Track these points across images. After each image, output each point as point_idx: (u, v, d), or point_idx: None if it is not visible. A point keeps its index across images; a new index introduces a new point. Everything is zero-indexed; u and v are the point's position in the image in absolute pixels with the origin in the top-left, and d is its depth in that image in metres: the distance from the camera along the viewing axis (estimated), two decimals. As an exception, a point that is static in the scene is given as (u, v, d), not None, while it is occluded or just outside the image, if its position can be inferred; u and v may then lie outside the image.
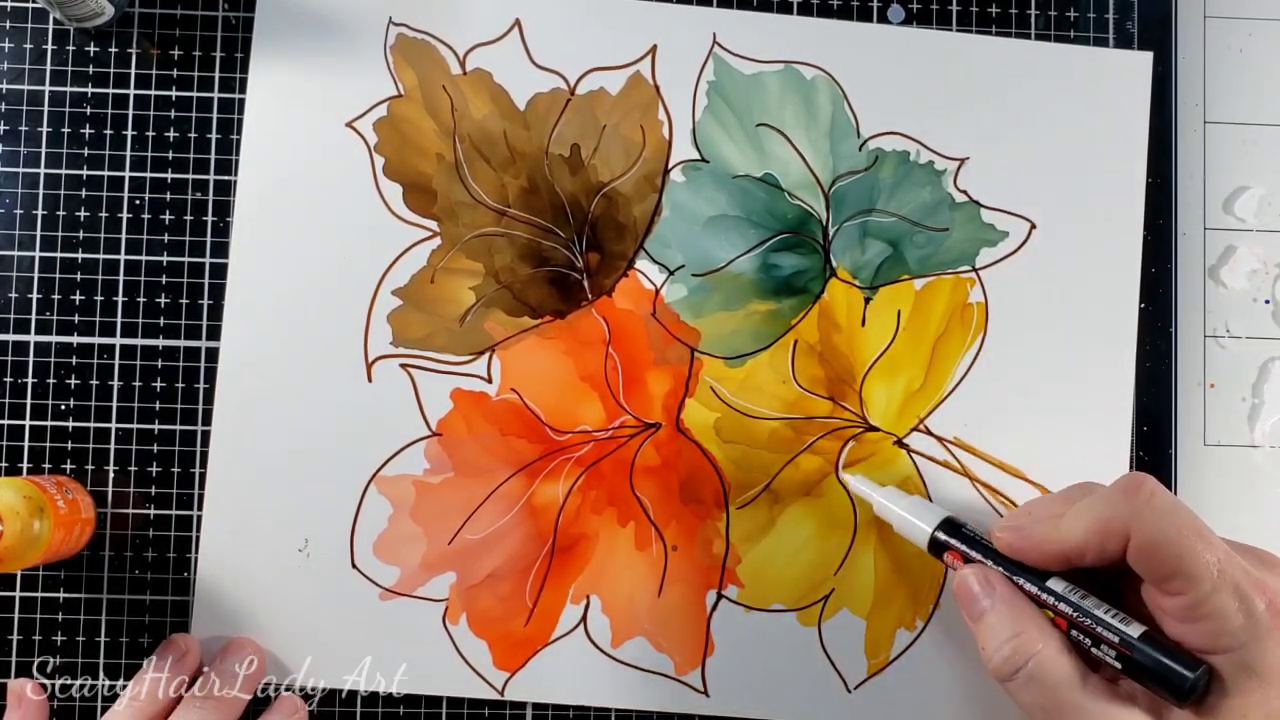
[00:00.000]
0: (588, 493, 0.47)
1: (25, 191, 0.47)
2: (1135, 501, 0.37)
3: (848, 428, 0.47)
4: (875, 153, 0.48)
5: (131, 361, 0.47)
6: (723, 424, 0.47)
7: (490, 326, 0.47)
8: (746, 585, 0.47)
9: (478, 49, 0.48)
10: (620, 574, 0.47)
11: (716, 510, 0.47)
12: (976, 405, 0.47)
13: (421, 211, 0.47)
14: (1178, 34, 0.49)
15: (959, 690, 0.47)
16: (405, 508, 0.46)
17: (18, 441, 0.46)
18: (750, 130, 0.48)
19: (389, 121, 0.47)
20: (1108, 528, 0.37)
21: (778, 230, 0.48)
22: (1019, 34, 0.49)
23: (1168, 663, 0.36)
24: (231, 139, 0.47)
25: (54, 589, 0.46)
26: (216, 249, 0.47)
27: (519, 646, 0.46)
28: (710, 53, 0.48)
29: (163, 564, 0.46)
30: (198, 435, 0.46)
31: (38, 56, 0.47)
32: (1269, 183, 0.49)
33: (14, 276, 0.46)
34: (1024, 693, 0.38)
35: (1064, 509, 0.39)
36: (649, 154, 0.48)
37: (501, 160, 0.47)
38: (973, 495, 0.47)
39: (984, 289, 0.48)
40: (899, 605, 0.47)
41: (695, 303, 0.47)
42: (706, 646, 0.47)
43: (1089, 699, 0.36)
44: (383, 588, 0.46)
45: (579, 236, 0.48)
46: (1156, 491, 0.37)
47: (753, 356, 0.47)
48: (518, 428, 0.47)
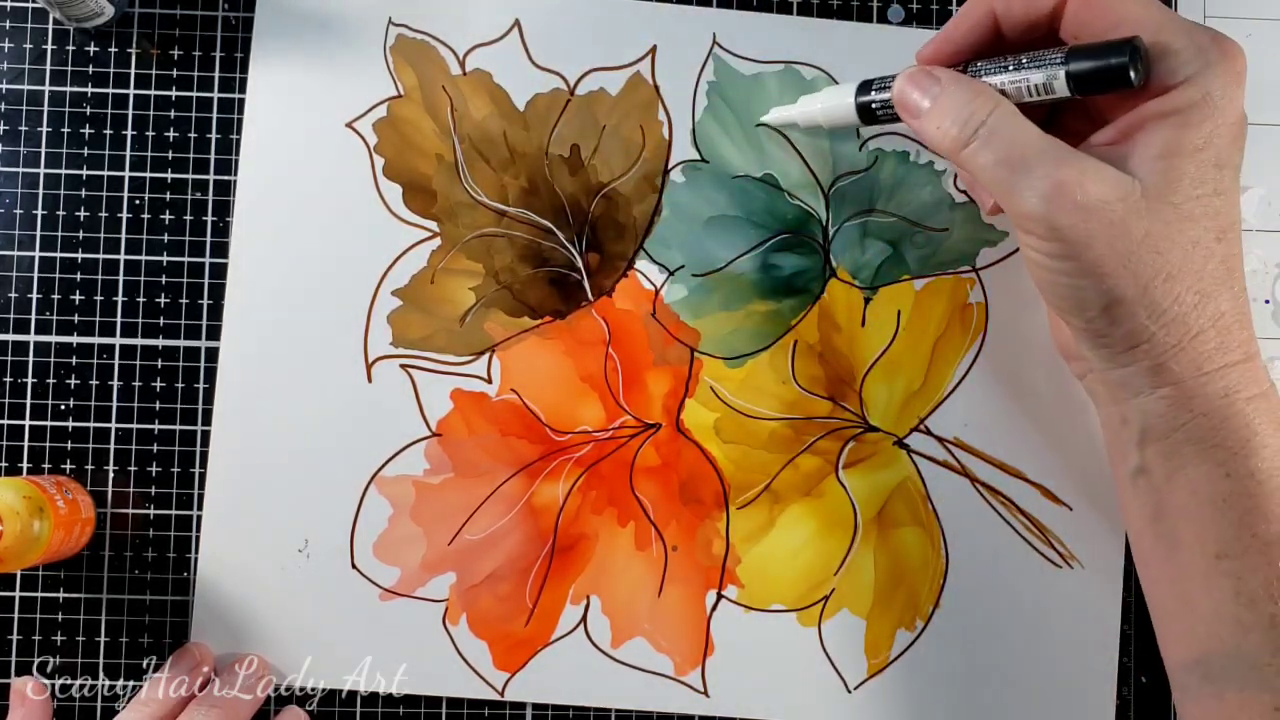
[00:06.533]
0: (588, 493, 0.47)
1: (25, 191, 0.47)
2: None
3: (848, 428, 0.47)
4: (875, 153, 0.48)
5: (131, 361, 0.47)
6: (723, 424, 0.47)
7: (490, 327, 0.47)
8: (746, 585, 0.47)
9: (477, 49, 0.48)
10: (620, 574, 0.47)
11: (716, 510, 0.47)
12: (976, 405, 0.47)
13: (421, 212, 0.47)
14: (1178, 34, 0.49)
15: (959, 690, 0.47)
16: (405, 508, 0.46)
17: (18, 441, 0.46)
18: (750, 130, 0.48)
19: (389, 122, 0.47)
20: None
21: (778, 230, 0.48)
22: (1019, 34, 0.49)
23: (1106, 60, 0.36)
24: (231, 139, 0.47)
25: (54, 589, 0.46)
26: (216, 249, 0.47)
27: (519, 647, 0.46)
28: (710, 53, 0.48)
29: (163, 564, 0.46)
30: (198, 435, 0.46)
31: (38, 56, 0.47)
32: (1269, 183, 0.49)
33: (14, 276, 0.47)
34: (985, 151, 0.37)
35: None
36: (649, 154, 0.48)
37: (501, 160, 0.47)
38: (973, 495, 0.47)
39: (984, 289, 0.48)
40: (899, 605, 0.47)
41: (695, 303, 0.47)
42: (706, 646, 0.47)
43: (1050, 145, 0.36)
44: (383, 588, 0.46)
45: (579, 237, 0.48)
46: None
47: (753, 356, 0.47)
48: (518, 428, 0.47)
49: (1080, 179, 0.35)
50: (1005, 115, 0.37)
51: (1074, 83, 0.37)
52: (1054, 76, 0.37)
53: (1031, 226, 0.36)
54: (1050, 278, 0.37)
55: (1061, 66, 0.37)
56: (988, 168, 0.37)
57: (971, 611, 0.47)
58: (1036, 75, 0.37)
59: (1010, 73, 0.38)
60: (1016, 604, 0.47)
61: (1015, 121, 0.37)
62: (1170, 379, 0.37)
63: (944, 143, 0.38)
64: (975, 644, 0.47)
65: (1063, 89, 0.37)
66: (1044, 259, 0.37)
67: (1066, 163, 0.35)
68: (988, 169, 0.37)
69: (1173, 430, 0.37)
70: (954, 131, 0.37)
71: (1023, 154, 0.36)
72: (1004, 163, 0.36)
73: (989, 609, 0.47)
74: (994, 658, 0.47)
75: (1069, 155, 0.36)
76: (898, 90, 0.40)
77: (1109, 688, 0.47)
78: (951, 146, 0.38)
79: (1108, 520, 0.47)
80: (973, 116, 0.37)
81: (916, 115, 0.39)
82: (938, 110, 0.38)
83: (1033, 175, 0.36)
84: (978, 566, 0.47)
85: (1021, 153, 0.36)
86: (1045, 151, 0.36)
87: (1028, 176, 0.36)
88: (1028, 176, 0.36)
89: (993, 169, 0.37)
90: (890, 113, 0.42)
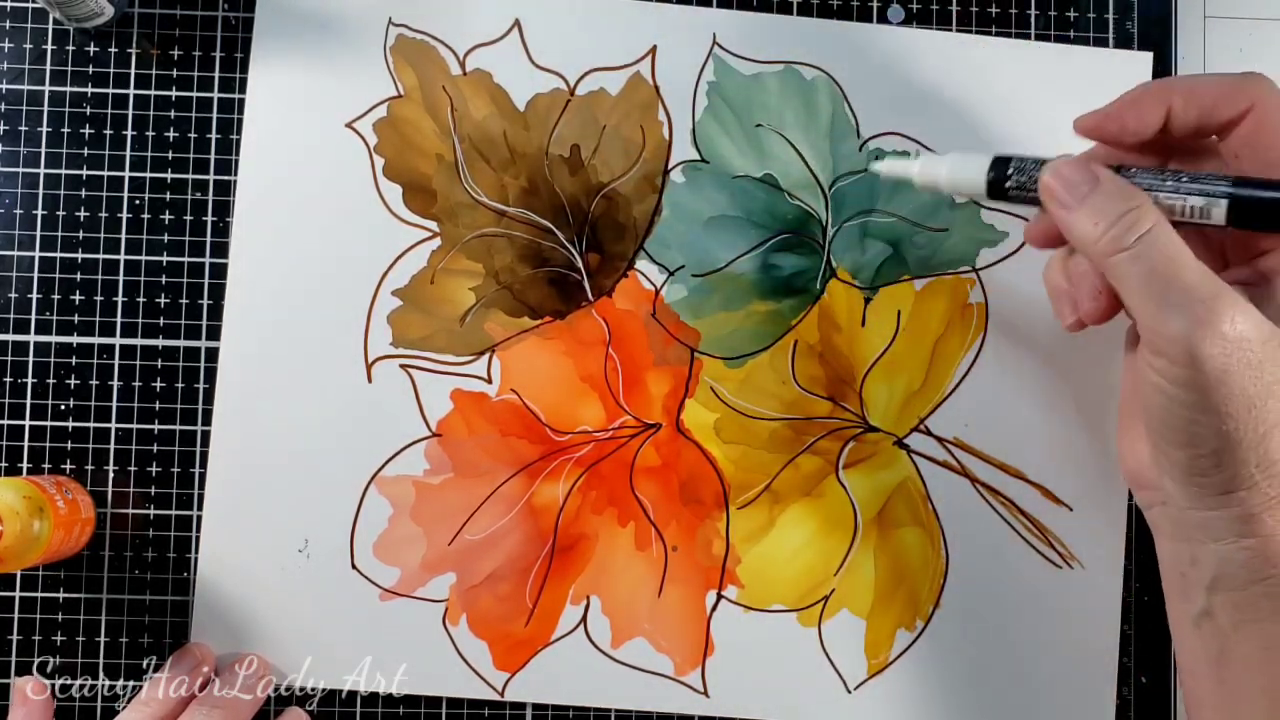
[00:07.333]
0: (588, 493, 0.47)
1: (25, 191, 0.47)
2: (1263, 81, 0.37)
3: (848, 428, 0.47)
4: (875, 153, 0.48)
5: (131, 361, 0.47)
6: (723, 424, 0.47)
7: (490, 327, 0.47)
8: (746, 585, 0.47)
9: (478, 49, 0.48)
10: (620, 574, 0.47)
11: (716, 510, 0.47)
12: (976, 405, 0.47)
13: (421, 212, 0.47)
14: (1178, 34, 0.49)
15: (959, 690, 0.47)
16: (405, 508, 0.46)
17: (18, 441, 0.46)
18: (750, 130, 0.48)
19: (389, 122, 0.47)
20: (1232, 91, 0.37)
21: (778, 230, 0.48)
22: (1019, 34, 0.49)
23: (1276, 194, 0.35)
24: (231, 139, 0.47)
25: (54, 589, 0.46)
26: (216, 249, 0.47)
27: (519, 647, 0.46)
28: (710, 53, 0.48)
29: (163, 564, 0.46)
30: (198, 435, 0.46)
31: (38, 56, 0.47)
32: (1269, 183, 0.49)
33: (14, 276, 0.47)
34: (1140, 262, 0.35)
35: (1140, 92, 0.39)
36: (649, 154, 0.48)
37: (501, 161, 0.47)
38: (973, 495, 0.47)
39: (984, 289, 0.48)
40: (899, 605, 0.47)
41: (695, 303, 0.47)
42: (706, 647, 0.47)
43: (1206, 273, 0.35)
44: (383, 588, 0.46)
45: (579, 237, 0.48)
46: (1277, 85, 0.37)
47: (753, 357, 0.47)
48: (518, 428, 0.47)
49: (1232, 312, 0.34)
50: (1165, 231, 0.35)
51: (1235, 214, 0.36)
52: (1214, 204, 0.36)
53: (1169, 349, 0.34)
54: (1168, 405, 0.35)
55: (1224, 197, 0.36)
56: (1138, 279, 0.35)
57: (971, 611, 0.47)
58: (1197, 200, 0.36)
59: (1168, 191, 0.37)
60: (1016, 604, 0.47)
61: (1174, 240, 0.35)
62: (1261, 531, 0.35)
63: (1097, 243, 0.36)
64: (975, 644, 0.47)
65: (1220, 218, 0.36)
66: (1169, 386, 0.35)
67: (1221, 293, 0.34)
68: (1138, 281, 0.35)
69: (1251, 583, 0.36)
70: (1113, 233, 0.36)
71: (1178, 274, 0.35)
72: (1157, 278, 0.35)
73: (989, 609, 0.47)
74: (994, 658, 0.47)
75: (1223, 287, 0.34)
76: (1052, 175, 0.38)
77: (1109, 688, 0.47)
78: (1104, 249, 0.36)
79: (1108, 520, 0.47)
80: (1135, 225, 0.36)
81: (1068, 207, 0.37)
82: (1094, 208, 0.37)
83: (1186, 298, 0.34)
84: (978, 566, 0.47)
85: (1177, 272, 0.35)
86: (1201, 277, 0.35)
87: (1181, 298, 0.34)
88: (1181, 298, 0.34)
89: (1144, 282, 0.35)
90: (1025, 194, 0.39)
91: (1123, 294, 0.37)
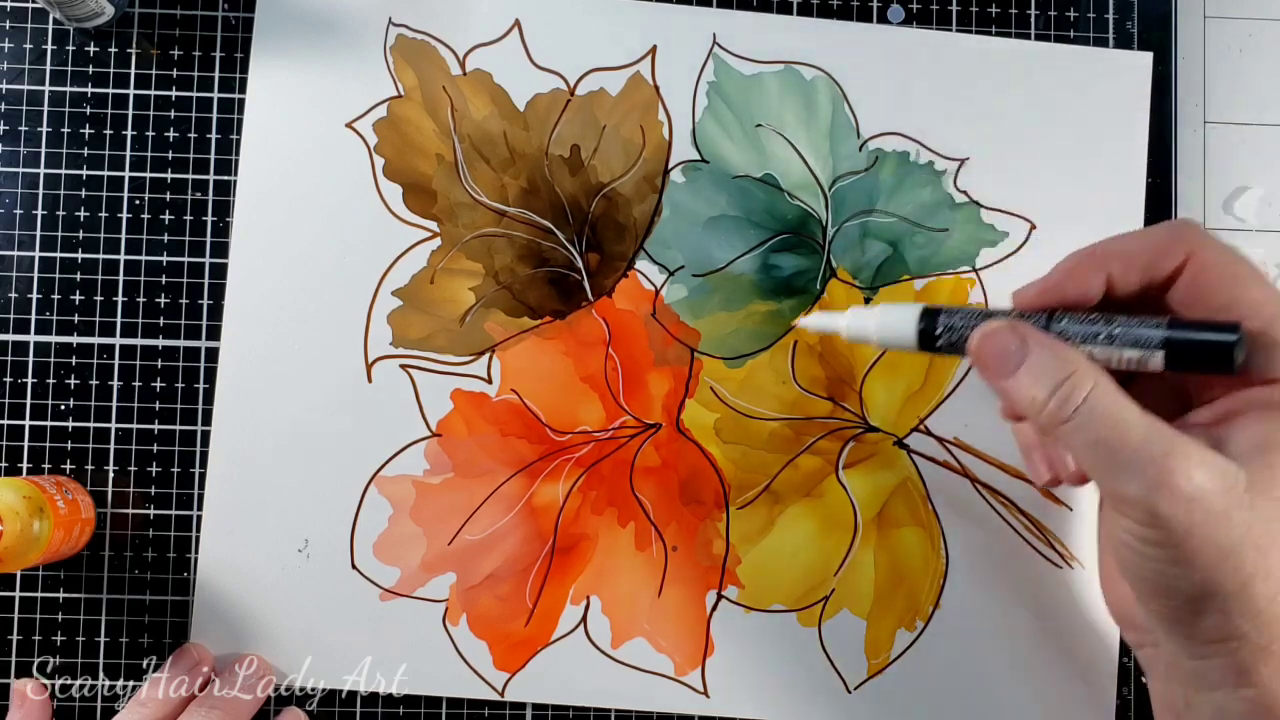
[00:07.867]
0: (588, 493, 0.47)
1: (25, 191, 0.47)
2: (1194, 229, 0.36)
3: (848, 428, 0.47)
4: (875, 153, 0.48)
5: (131, 361, 0.47)
6: (723, 424, 0.47)
7: (490, 327, 0.47)
8: (746, 585, 0.47)
9: (478, 49, 0.48)
10: (620, 574, 0.47)
11: (716, 510, 0.47)
12: (976, 405, 0.47)
13: (421, 212, 0.47)
14: (1178, 34, 0.49)
15: (959, 690, 0.47)
16: (405, 508, 0.46)
17: (18, 441, 0.46)
18: (750, 130, 0.48)
19: (389, 122, 0.47)
20: (1165, 246, 0.36)
21: (778, 230, 0.48)
22: (1019, 34, 0.49)
23: (1208, 336, 0.34)
24: (231, 139, 0.47)
25: (54, 589, 0.46)
26: (216, 249, 0.47)
27: (519, 647, 0.46)
28: (710, 53, 0.48)
29: (163, 564, 0.46)
30: (198, 435, 0.46)
31: (38, 56, 0.47)
32: (1269, 183, 0.49)
33: (14, 276, 0.47)
34: (1083, 432, 0.34)
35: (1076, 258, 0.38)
36: (649, 154, 0.48)
37: (501, 161, 0.47)
38: (973, 495, 0.47)
39: (984, 289, 0.48)
40: (899, 605, 0.47)
41: (695, 303, 0.47)
42: (706, 647, 0.47)
43: (1154, 429, 0.33)
44: (383, 588, 0.46)
45: (579, 237, 0.48)
46: (1208, 231, 0.36)
47: (753, 357, 0.47)
48: (518, 428, 0.47)
49: (1186, 466, 0.33)
50: (1105, 392, 0.34)
51: (1171, 363, 0.35)
52: (1150, 356, 0.35)
53: (1130, 511, 0.34)
54: (1139, 561, 0.34)
55: (1160, 346, 0.35)
56: (1084, 448, 0.34)
57: (971, 611, 0.47)
58: (1131, 352, 0.35)
59: (1101, 341, 0.36)
60: (1016, 604, 0.47)
61: (1115, 400, 0.34)
62: (1256, 681, 0.34)
63: (1037, 415, 0.35)
64: (975, 644, 0.47)
65: (1157, 366, 0.35)
66: (1137, 543, 0.34)
67: (1172, 449, 0.33)
68: (1084, 450, 0.34)
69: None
70: (1051, 407, 0.35)
71: (1124, 437, 0.33)
72: (1103, 445, 0.34)
73: (989, 609, 0.47)
74: (994, 658, 0.47)
75: (1173, 440, 0.33)
76: (981, 342, 0.37)
77: (1109, 688, 0.47)
78: (1045, 423, 0.35)
79: (1108, 520, 0.47)
80: (1072, 395, 0.34)
81: (1001, 377, 0.36)
82: (1027, 378, 0.35)
83: (1136, 460, 0.33)
84: (978, 566, 0.47)
85: (1123, 435, 0.33)
86: (1149, 435, 0.33)
87: (1131, 461, 0.33)
88: (1131, 461, 0.33)
89: (1092, 451, 0.34)
90: (955, 348, 0.38)
91: (1076, 460, 0.36)
